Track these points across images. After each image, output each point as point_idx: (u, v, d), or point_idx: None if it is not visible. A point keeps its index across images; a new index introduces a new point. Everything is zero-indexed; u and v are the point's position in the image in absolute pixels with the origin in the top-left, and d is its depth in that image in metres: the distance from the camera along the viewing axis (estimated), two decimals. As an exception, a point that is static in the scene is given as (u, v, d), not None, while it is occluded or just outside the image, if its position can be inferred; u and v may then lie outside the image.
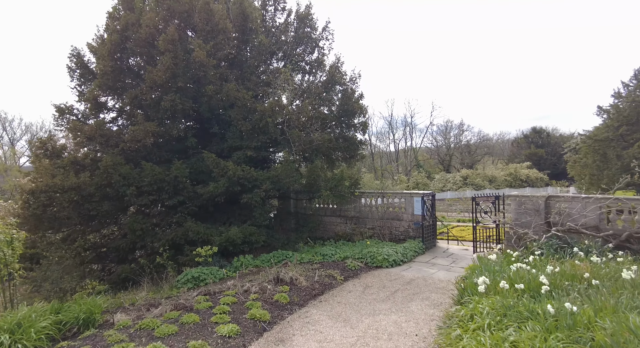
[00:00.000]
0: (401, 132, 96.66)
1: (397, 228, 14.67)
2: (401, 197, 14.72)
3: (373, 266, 11.28)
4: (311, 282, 9.10)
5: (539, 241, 10.37)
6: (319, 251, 12.72)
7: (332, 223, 16.88)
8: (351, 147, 19.00)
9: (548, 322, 4.11)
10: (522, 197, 11.71)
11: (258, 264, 12.13)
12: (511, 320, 4.41)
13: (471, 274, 8.13)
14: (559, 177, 72.20)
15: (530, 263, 7.84)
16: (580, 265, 7.41)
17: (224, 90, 13.55)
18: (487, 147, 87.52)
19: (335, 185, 14.72)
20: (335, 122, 18.93)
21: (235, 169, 12.69)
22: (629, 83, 35.50)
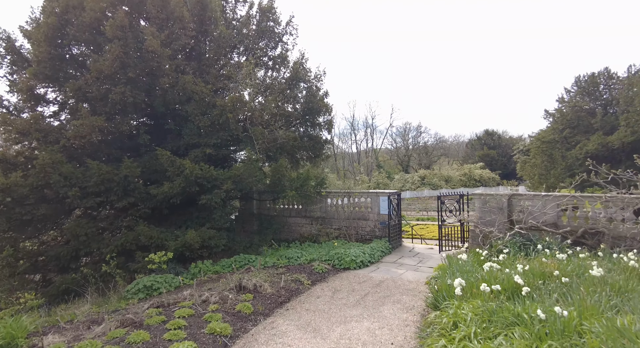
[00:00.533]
0: (363, 133, 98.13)
1: (363, 228, 14.40)
2: (367, 196, 14.48)
3: (341, 268, 10.87)
4: (276, 288, 8.49)
5: (504, 239, 10.48)
6: (284, 254, 12.12)
7: (297, 224, 16.32)
8: (316, 146, 18.58)
9: (537, 327, 3.86)
10: (486, 196, 11.84)
11: (218, 270, 11.30)
12: (497, 327, 4.14)
13: (442, 275, 7.93)
14: (509, 177, 76.56)
15: (500, 262, 7.77)
16: (548, 262, 7.43)
17: (180, 83, 12.56)
18: (443, 148, 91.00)
19: (301, 185, 14.19)
20: (299, 120, 18.42)
21: (192, 167, 11.77)
22: (571, 89, 38.21)
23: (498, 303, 4.70)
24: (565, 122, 36.10)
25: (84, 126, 11.35)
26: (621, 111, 32.29)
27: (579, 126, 35.30)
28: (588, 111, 36.03)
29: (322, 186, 15.24)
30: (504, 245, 10.25)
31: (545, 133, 38.02)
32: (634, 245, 9.72)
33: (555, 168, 35.41)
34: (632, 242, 9.86)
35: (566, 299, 4.96)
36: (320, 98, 18.11)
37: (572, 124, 35.68)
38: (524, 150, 73.25)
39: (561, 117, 36.67)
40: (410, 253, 12.85)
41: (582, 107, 36.03)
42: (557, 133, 36.19)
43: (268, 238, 14.93)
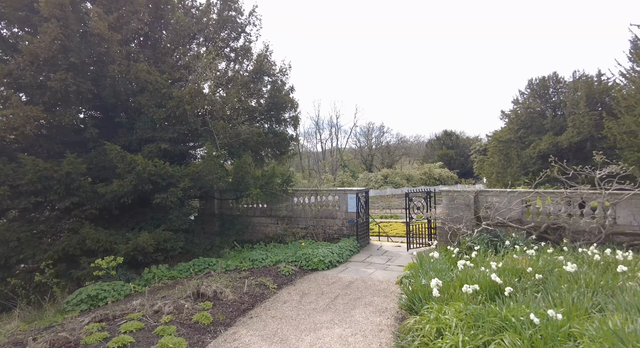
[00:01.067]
0: (328, 132, 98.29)
1: (331, 226, 13.97)
2: (335, 194, 14.06)
3: (308, 269, 10.35)
4: (239, 294, 7.81)
5: (472, 236, 10.44)
6: (247, 256, 11.40)
7: (261, 224, 15.60)
8: (282, 142, 17.92)
9: (529, 333, 3.56)
10: (453, 192, 11.80)
11: (175, 275, 10.38)
12: (485, 333, 3.80)
13: (415, 274, 7.62)
14: (467, 176, 79.85)
15: (473, 260, 7.58)
16: (519, 259, 7.33)
17: (133, 72, 11.44)
18: (404, 148, 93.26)
19: (266, 182, 13.49)
20: (264, 115, 17.69)
21: (145, 163, 10.73)
22: (524, 91, 40.12)
23: (481, 306, 4.38)
24: (519, 123, 37.80)
25: (16, 117, 9.99)
26: (568, 113, 34.29)
27: (532, 127, 37.10)
28: (539, 113, 38.00)
29: (289, 184, 14.63)
30: (472, 241, 10.20)
31: (502, 133, 39.63)
32: (592, 239, 10.00)
33: (511, 166, 37.00)
34: (590, 236, 10.15)
35: (547, 298, 4.76)
36: (285, 93, 17.47)
37: (526, 125, 37.44)
38: (480, 150, 76.69)
39: (516, 118, 38.37)
40: (379, 252, 12.58)
41: (535, 109, 37.92)
42: (512, 133, 37.82)
43: (230, 240, 14.09)
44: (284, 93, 17.39)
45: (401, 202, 51.13)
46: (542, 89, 38.51)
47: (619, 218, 10.11)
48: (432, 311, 4.58)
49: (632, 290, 4.59)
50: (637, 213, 9.92)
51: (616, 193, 10.04)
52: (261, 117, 17.73)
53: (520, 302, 4.50)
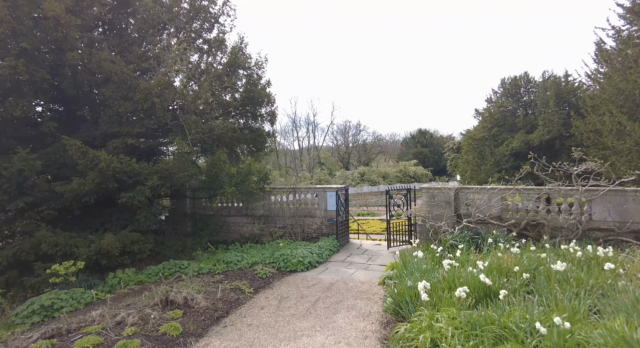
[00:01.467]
0: (304, 130, 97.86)
1: (309, 225, 13.53)
2: (314, 192, 13.63)
3: (287, 271, 9.87)
4: (212, 300, 7.24)
5: (454, 234, 10.28)
6: (222, 258, 10.78)
7: (237, 224, 14.95)
8: (258, 139, 17.28)
9: (534, 342, 3.26)
10: (434, 189, 11.62)
11: (143, 280, 9.66)
12: (485, 344, 3.47)
13: (399, 275, 7.31)
14: (440, 173, 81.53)
15: (457, 259, 7.35)
16: (504, 257, 7.15)
17: (95, 61, 10.55)
18: (380, 146, 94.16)
19: (242, 180, 12.87)
20: (239, 110, 17.00)
21: (109, 159, 9.91)
22: (498, 90, 41.06)
23: (476, 311, 4.07)
24: (493, 121, 38.66)
25: (-42, 107, 8.94)
26: (539, 112, 35.37)
27: (505, 125, 38.03)
28: (512, 111, 39.02)
29: (266, 182, 14.07)
30: (454, 239, 10.03)
31: (476, 131, 40.42)
32: (569, 235, 10.06)
33: (485, 164, 37.79)
34: (568, 232, 10.21)
35: (541, 300, 4.52)
36: (262, 87, 16.85)
37: (499, 123, 38.34)
38: (453, 148, 78.47)
39: (490, 116, 39.22)
40: (359, 251, 12.26)
41: (507, 108, 38.90)
42: (486, 131, 38.63)
43: (204, 241, 13.39)
44: (260, 87, 16.76)
45: (377, 200, 51.30)
46: (514, 88, 39.52)
47: (594, 214, 10.22)
48: (424, 318, 4.23)
49: (625, 290, 4.42)
50: (611, 209, 10.05)
51: (592, 190, 10.14)
52: (236, 112, 17.04)
53: (516, 305, 4.22)
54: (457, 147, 76.63)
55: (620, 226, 9.87)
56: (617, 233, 9.76)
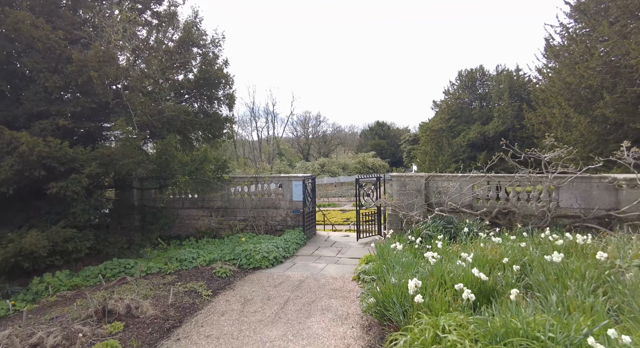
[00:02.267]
0: (264, 120, 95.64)
1: (273, 217, 12.55)
2: (278, 181, 12.65)
3: (250, 268, 8.87)
4: (163, 306, 6.12)
5: (427, 223, 9.82)
6: (174, 255, 9.53)
7: (192, 217, 13.61)
8: (214, 124, 15.87)
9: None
10: (405, 178, 11.11)
11: (79, 284, 8.22)
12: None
13: (378, 269, 6.62)
14: (397, 164, 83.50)
15: (438, 250, 6.79)
16: (487, 247, 6.71)
17: (10, 22, 8.70)
18: (340, 137, 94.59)
19: (196, 168, 11.56)
20: (194, 92, 15.48)
21: (33, 142, 8.25)
22: (455, 82, 42.12)
23: (490, 318, 3.41)
24: (450, 113, 39.66)
25: None
26: (494, 104, 36.73)
27: (461, 117, 39.13)
28: (468, 103, 40.25)
29: (224, 171, 12.83)
30: (427, 229, 9.57)
31: (434, 122, 41.27)
32: (539, 223, 10.00)
33: (442, 154, 38.72)
34: (538, 220, 10.15)
35: (544, 297, 4.00)
36: (218, 67, 15.41)
37: (456, 115, 39.39)
38: (409, 140, 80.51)
39: (447, 108, 40.19)
40: (327, 243, 11.52)
41: (464, 99, 40.07)
42: (444, 122, 39.56)
43: (154, 236, 11.96)
44: (216, 67, 15.32)
45: (338, 191, 51.21)
46: (470, 81, 40.69)
47: (561, 202, 10.23)
48: (426, 326, 3.50)
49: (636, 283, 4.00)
50: (578, 196, 10.10)
51: (560, 177, 10.12)
52: (190, 94, 15.51)
53: (529, 307, 3.63)
54: (413, 139, 78.77)
55: (585, 212, 9.95)
56: (583, 220, 9.82)
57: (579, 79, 20.98)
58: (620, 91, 18.29)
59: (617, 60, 19.56)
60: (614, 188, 9.77)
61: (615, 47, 18.56)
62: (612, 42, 18.85)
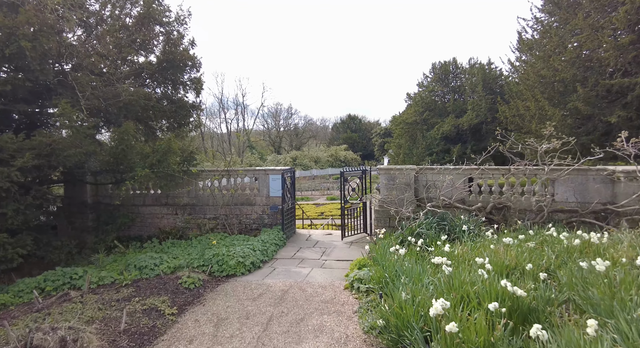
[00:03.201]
0: (233, 112, 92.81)
1: (248, 215, 11.30)
2: (253, 175, 11.40)
3: (223, 276, 7.65)
4: (112, 334, 4.83)
5: (419, 220, 8.96)
6: (133, 261, 8.12)
7: (155, 215, 12.10)
8: (180, 111, 14.28)
9: None
10: (395, 170, 10.21)
11: (7, 301, 6.69)
12: None
13: (379, 278, 5.63)
14: (369, 158, 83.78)
15: (444, 253, 5.89)
16: (499, 249, 5.88)
17: None
18: (312, 130, 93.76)
19: (159, 160, 10.10)
20: (157, 76, 13.82)
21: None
22: (429, 75, 41.92)
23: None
24: (424, 105, 39.42)
25: None
26: (468, 97, 36.82)
27: (435, 109, 39.00)
28: (442, 96, 40.18)
29: (191, 163, 11.42)
30: (420, 227, 8.71)
31: (408, 115, 40.91)
32: (536, 219, 9.40)
33: (416, 147, 38.50)
34: (535, 216, 9.56)
35: (604, 316, 3.16)
36: (184, 48, 13.82)
37: (430, 107, 39.21)
38: (381, 134, 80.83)
39: (421, 101, 39.89)
40: (309, 243, 10.44)
41: (437, 92, 39.95)
42: (418, 115, 39.28)
43: (109, 238, 10.43)
44: (182, 48, 13.72)
45: (311, 184, 50.19)
46: (444, 73, 40.59)
47: (557, 195, 9.69)
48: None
49: None
50: (575, 190, 9.59)
51: (557, 169, 9.55)
52: (153, 78, 13.84)
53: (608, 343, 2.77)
54: (384, 132, 79.20)
55: (582, 207, 9.46)
56: (580, 215, 9.32)
57: (552, 72, 20.98)
58: (591, 84, 18.37)
59: (589, 54, 19.60)
60: (610, 181, 9.32)
61: (588, 40, 18.54)
62: (585, 36, 18.81)
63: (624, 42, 15.85)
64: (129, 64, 13.32)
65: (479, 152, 23.27)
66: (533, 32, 25.50)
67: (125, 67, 13.47)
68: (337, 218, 25.29)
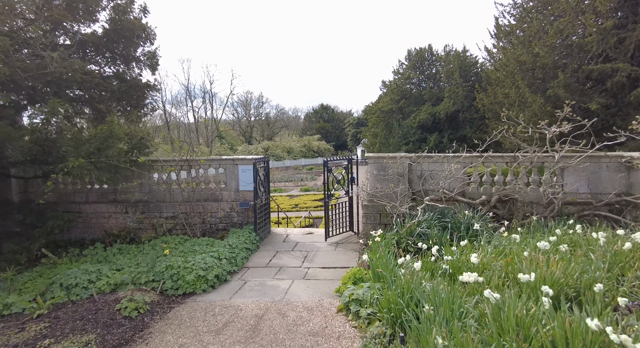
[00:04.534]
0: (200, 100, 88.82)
1: (214, 213, 9.55)
2: (219, 165, 9.62)
3: (178, 295, 5.95)
4: None
5: (417, 217, 7.58)
6: (59, 278, 6.23)
7: (100, 214, 10.08)
8: (132, 92, 12.21)
9: None
10: (387, 159, 8.76)
11: None
12: None
13: (391, 306, 4.15)
14: (342, 148, 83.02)
15: (469, 265, 4.50)
16: (539, 257, 4.56)
17: None
18: (284, 120, 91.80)
19: (98, 148, 8.11)
20: (103, 50, 11.67)
21: None
22: (405, 62, 40.85)
23: None
24: (400, 93, 38.36)
25: None
26: (444, 85, 36.08)
27: (411, 97, 38.05)
28: (418, 84, 39.28)
29: (143, 151, 9.47)
30: (421, 225, 7.34)
31: (383, 103, 39.76)
32: (546, 212, 8.28)
33: (392, 136, 37.52)
34: (544, 209, 8.44)
35: None
36: (135, 17, 11.71)
37: (406, 95, 38.21)
38: (353, 124, 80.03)
39: (397, 88, 38.80)
40: (287, 245, 8.85)
41: (413, 79, 39.00)
42: (394, 103, 38.20)
43: (36, 245, 8.35)
44: (132, 17, 11.60)
45: (284, 175, 48.46)
46: (420, 61, 39.64)
47: (566, 186, 8.61)
48: None
49: None
50: (585, 179, 8.55)
51: (568, 156, 8.45)
52: (99, 52, 11.66)
53: None
54: (357, 122, 78.43)
55: (595, 198, 8.44)
56: (594, 207, 8.28)
57: (533, 58, 20.30)
58: (572, 70, 17.80)
59: (570, 39, 18.97)
60: (626, 169, 8.33)
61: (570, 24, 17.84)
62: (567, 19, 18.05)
63: (607, 26, 15.16)
64: (71, 37, 11.16)
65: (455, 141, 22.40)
66: (511, 18, 24.77)
67: (66, 40, 11.29)
68: (313, 211, 23.86)
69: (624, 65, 14.90)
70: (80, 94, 11.37)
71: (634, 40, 15.02)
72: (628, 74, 14.64)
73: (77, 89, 10.59)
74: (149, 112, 13.55)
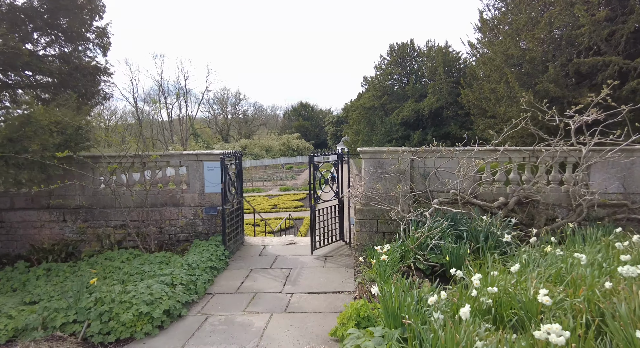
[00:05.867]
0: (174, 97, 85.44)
1: (173, 221, 7.75)
2: (179, 161, 7.83)
3: (109, 343, 4.21)
4: None
5: (428, 225, 6.08)
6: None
7: (30, 223, 8.09)
8: (80, 76, 10.27)
9: None
10: (388, 153, 7.23)
11: None
12: None
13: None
14: (321, 146, 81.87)
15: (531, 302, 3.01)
16: (621, 293, 3.11)
17: None
18: (262, 118, 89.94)
19: (11, 140, 6.19)
20: (40, 24, 9.72)
21: None
22: (386, 57, 39.74)
23: None
24: (382, 89, 37.24)
25: None
26: (428, 80, 35.15)
27: (394, 93, 36.95)
28: (400, 79, 38.23)
29: (82, 144, 7.56)
30: (428, 235, 5.86)
31: (365, 99, 38.56)
32: (572, 217, 6.98)
33: (375, 133, 36.33)
34: (568, 212, 7.15)
35: None
36: (80, -14, 9.77)
37: (388, 91, 37.10)
38: (333, 122, 78.95)
39: (379, 84, 37.67)
40: (264, 260, 7.17)
41: (395, 75, 37.93)
42: (376, 99, 37.02)
43: None
44: (76, -15, 9.66)
45: (262, 174, 46.50)
46: (402, 56, 38.62)
47: (592, 185, 7.34)
48: None
49: None
50: (618, 177, 7.31)
51: (597, 150, 7.18)
52: (37, 27, 9.70)
53: None
54: (337, 120, 77.35)
55: (628, 199, 7.21)
56: (629, 210, 7.05)
57: (521, 51, 19.44)
58: (561, 64, 17.00)
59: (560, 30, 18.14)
60: (662, 164, 7.13)
61: (560, 15, 16.96)
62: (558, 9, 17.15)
63: (599, 17, 14.28)
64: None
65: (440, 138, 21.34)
66: (495, 11, 23.84)
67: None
68: (294, 212, 22.17)
69: (616, 59, 14.07)
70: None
71: (625, 33, 14.22)
72: (620, 68, 13.82)
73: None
74: (101, 100, 11.54)
